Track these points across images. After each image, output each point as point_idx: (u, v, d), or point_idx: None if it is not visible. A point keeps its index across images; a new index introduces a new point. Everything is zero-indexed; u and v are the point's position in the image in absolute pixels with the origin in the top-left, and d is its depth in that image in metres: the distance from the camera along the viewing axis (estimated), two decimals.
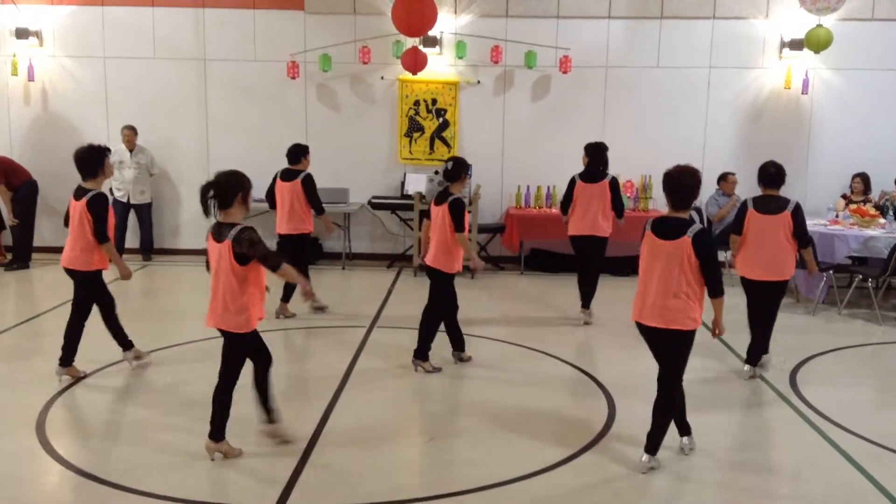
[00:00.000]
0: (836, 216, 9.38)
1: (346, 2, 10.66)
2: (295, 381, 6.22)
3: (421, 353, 6.37)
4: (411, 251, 10.55)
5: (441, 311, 6.41)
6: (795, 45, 10.29)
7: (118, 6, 10.78)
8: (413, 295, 9.17)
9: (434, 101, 10.84)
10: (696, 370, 6.85)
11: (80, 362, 6.15)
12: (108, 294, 6.19)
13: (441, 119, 10.87)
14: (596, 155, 7.92)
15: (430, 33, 10.02)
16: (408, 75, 10.41)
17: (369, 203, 10.79)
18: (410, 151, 10.96)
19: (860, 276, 8.37)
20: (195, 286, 9.75)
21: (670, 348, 4.63)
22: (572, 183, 7.99)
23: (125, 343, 6.35)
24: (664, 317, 4.54)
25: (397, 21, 9.19)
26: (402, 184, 10.83)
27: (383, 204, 10.77)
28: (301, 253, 7.98)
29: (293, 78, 10.66)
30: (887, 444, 5.05)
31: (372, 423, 5.31)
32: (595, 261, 8.04)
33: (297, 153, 8.07)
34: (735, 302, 6.43)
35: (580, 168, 7.99)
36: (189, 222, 11.11)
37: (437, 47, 10.53)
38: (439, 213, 6.26)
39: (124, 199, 10.72)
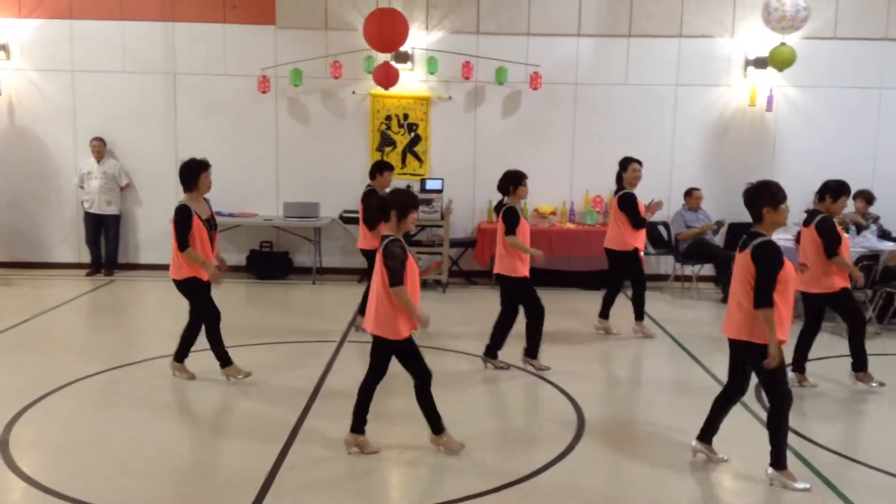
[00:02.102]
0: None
1: (317, 17, 10.70)
2: (265, 395, 6.18)
3: (530, 352, 6.81)
4: None
5: (536, 312, 6.72)
6: (760, 63, 10.50)
7: (87, 20, 10.72)
8: None
9: (406, 116, 10.89)
10: (666, 379, 6.93)
11: (53, 376, 6.07)
12: (204, 307, 6.26)
13: (413, 134, 10.93)
14: (618, 170, 8.10)
15: (402, 49, 10.11)
16: (379, 90, 10.46)
17: (340, 217, 10.79)
18: None
19: None
20: (161, 302, 9.68)
21: (752, 361, 4.65)
22: None
23: (223, 358, 6.38)
24: (734, 326, 4.65)
25: (369, 36, 9.25)
26: None
27: (354, 218, 10.72)
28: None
29: (264, 92, 10.66)
30: (844, 453, 5.19)
31: (342, 436, 5.30)
32: (611, 273, 8.21)
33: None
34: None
35: (549, 183, 8.08)
36: (155, 238, 11.02)
37: (409, 63, 10.60)
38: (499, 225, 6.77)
39: (91, 210, 10.63)
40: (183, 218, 6.03)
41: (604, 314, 8.23)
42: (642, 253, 8.15)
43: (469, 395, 6.41)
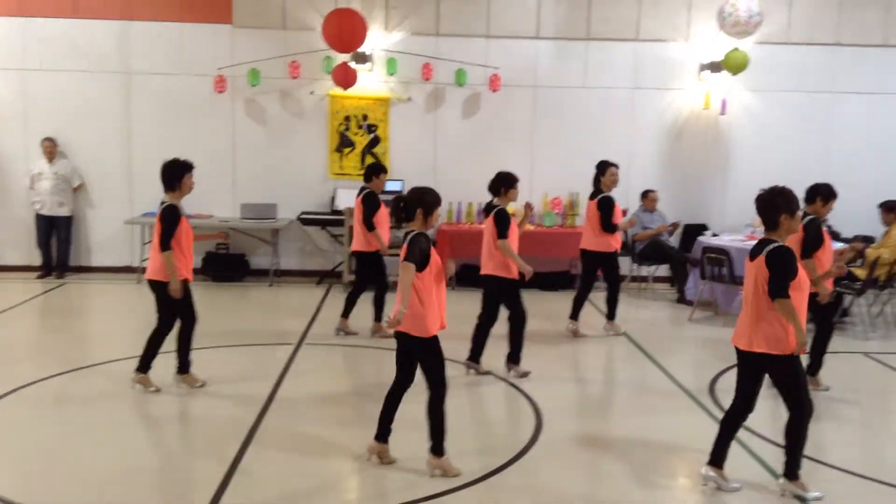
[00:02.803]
0: (753, 232, 9.74)
1: (275, 16, 10.61)
2: (222, 398, 6.10)
3: (513, 358, 6.77)
4: (341, 267, 10.51)
5: (520, 317, 6.72)
6: (714, 67, 10.67)
7: (40, 18, 10.49)
8: None
9: (365, 117, 10.85)
10: (624, 379, 7.01)
11: (4, 381, 5.93)
12: (188, 308, 6.14)
13: (372, 135, 10.89)
14: (595, 173, 8.17)
15: (361, 50, 10.07)
16: (338, 91, 10.41)
17: (299, 218, 10.71)
18: (341, 167, 10.94)
19: None
20: (113, 306, 9.52)
21: (775, 372, 4.51)
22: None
23: (183, 366, 6.24)
24: (747, 337, 4.51)
25: (328, 37, 9.21)
26: (333, 199, 10.79)
27: (313, 219, 10.70)
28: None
29: (220, 92, 10.54)
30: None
31: (300, 441, 5.26)
32: (606, 274, 8.26)
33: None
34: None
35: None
36: (109, 239, 10.85)
37: (368, 63, 10.56)
38: (487, 225, 6.75)
39: (43, 212, 10.41)
40: (172, 218, 5.91)
41: (574, 315, 8.26)
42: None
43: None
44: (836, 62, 10.92)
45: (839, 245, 9.15)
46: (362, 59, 10.43)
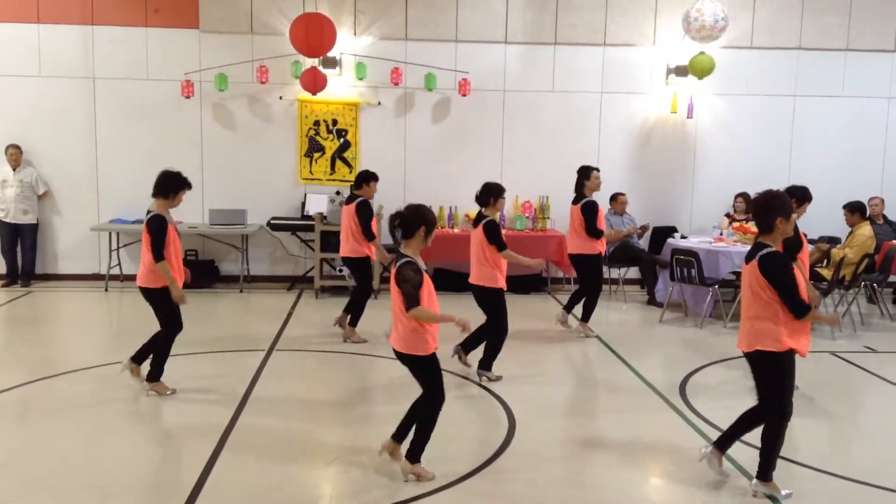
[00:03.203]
0: (721, 234, 9.86)
1: (242, 21, 10.55)
2: (191, 405, 6.04)
3: (485, 364, 6.81)
4: (312, 273, 10.45)
5: (501, 328, 6.77)
6: (681, 71, 10.80)
7: (2, 23, 10.34)
8: (314, 317, 9.09)
9: (335, 122, 10.82)
10: (595, 380, 7.05)
11: None
12: (175, 316, 6.14)
13: (342, 139, 10.86)
14: (578, 177, 8.25)
15: (330, 54, 10.05)
16: (307, 95, 10.37)
17: (268, 224, 10.64)
18: (311, 172, 10.89)
19: None
20: (80, 313, 9.38)
21: (758, 370, 4.62)
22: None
23: (152, 372, 6.19)
24: (746, 339, 4.58)
25: (296, 41, 9.18)
26: (303, 204, 10.74)
27: (283, 225, 10.64)
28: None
29: (188, 97, 10.44)
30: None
31: (272, 446, 5.22)
32: (581, 278, 8.40)
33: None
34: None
35: (476, 187, 8.12)
36: (75, 247, 10.70)
37: (337, 68, 10.54)
38: (475, 235, 6.81)
39: (7, 219, 10.24)
40: (159, 228, 5.92)
41: (585, 317, 8.37)
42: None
43: (406, 401, 6.40)
44: (798, 66, 11.12)
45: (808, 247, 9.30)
46: (331, 63, 10.41)
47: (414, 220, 4.65)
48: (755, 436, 4.68)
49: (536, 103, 10.97)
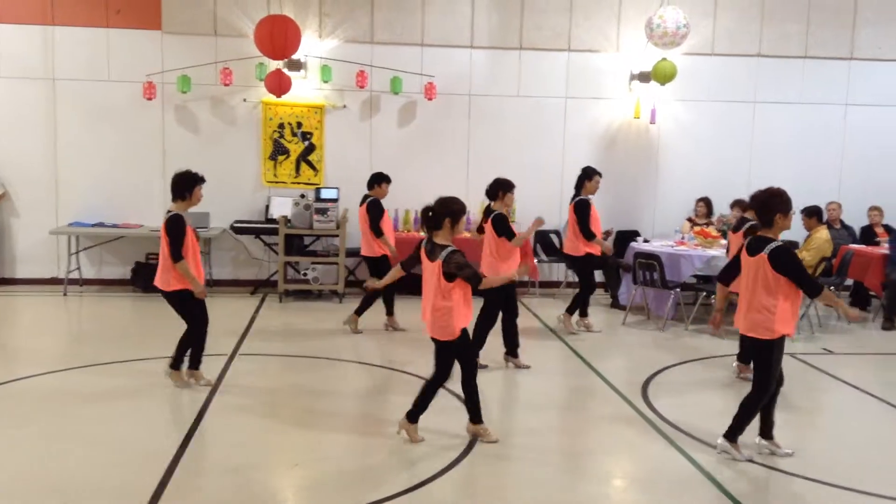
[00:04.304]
0: (682, 238, 9.98)
1: (205, 22, 10.46)
2: (151, 411, 5.96)
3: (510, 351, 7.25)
4: (276, 276, 10.38)
5: (490, 319, 7.03)
6: (644, 77, 10.93)
7: None
8: (278, 321, 9.02)
9: (299, 125, 10.76)
10: (560, 385, 7.09)
11: None
12: (196, 315, 6.28)
13: (307, 142, 10.81)
14: (580, 176, 8.50)
15: (295, 56, 9.99)
16: (272, 98, 10.30)
17: (232, 227, 10.55)
18: (275, 175, 10.82)
19: (704, 293, 8.92)
20: (39, 319, 9.21)
21: (755, 352, 5.09)
22: None
23: (176, 362, 6.39)
24: (744, 323, 5.05)
25: (260, 43, 9.13)
26: (267, 207, 10.67)
27: (247, 228, 10.55)
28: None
29: (150, 99, 10.32)
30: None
31: (235, 450, 5.17)
32: (579, 277, 8.65)
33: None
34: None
35: (445, 193, 8.12)
36: (34, 250, 10.50)
37: (302, 71, 10.49)
38: (487, 230, 7.07)
39: None
40: (178, 228, 6.01)
41: (583, 313, 8.70)
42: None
43: (370, 404, 6.39)
44: (757, 73, 11.31)
45: None
46: (296, 66, 10.36)
47: (439, 211, 5.03)
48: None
49: (502, 108, 11.03)
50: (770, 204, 4.99)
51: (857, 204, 11.06)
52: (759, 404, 5.08)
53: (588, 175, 8.47)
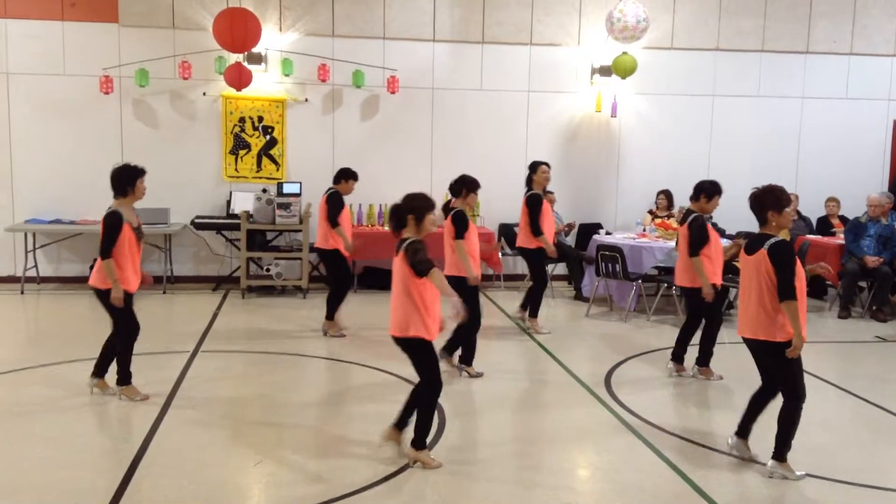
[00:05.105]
0: (644, 230, 10.10)
1: (163, 15, 10.29)
2: (111, 410, 5.87)
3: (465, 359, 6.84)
4: (238, 272, 10.28)
5: (473, 319, 6.55)
6: (605, 71, 11.01)
7: None
8: (241, 317, 8.94)
9: (261, 119, 10.66)
10: (521, 378, 7.13)
11: None
12: (129, 318, 5.87)
13: (268, 136, 10.71)
14: (528, 173, 8.38)
15: (255, 50, 9.89)
16: (232, 92, 10.18)
17: (192, 223, 10.42)
18: (236, 169, 10.71)
19: (665, 285, 9.03)
20: None
21: (762, 357, 4.85)
22: None
23: (99, 370, 6.04)
24: (751, 327, 4.77)
25: (219, 36, 9.00)
26: (228, 203, 10.55)
27: (208, 224, 10.43)
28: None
29: (107, 93, 10.13)
30: (691, 438, 5.47)
31: (197, 449, 5.12)
32: (531, 271, 8.60)
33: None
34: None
35: (408, 187, 8.10)
36: None
37: (263, 64, 10.38)
38: (446, 227, 6.74)
39: None
40: (113, 225, 5.70)
41: (533, 312, 8.49)
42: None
43: (334, 401, 6.36)
44: (716, 67, 11.46)
45: (725, 242, 9.59)
46: (256, 59, 10.25)
47: (402, 207, 4.86)
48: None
49: (465, 101, 11.03)
50: (762, 200, 4.79)
51: (813, 196, 11.27)
52: (798, 411, 4.74)
53: (532, 169, 8.36)
